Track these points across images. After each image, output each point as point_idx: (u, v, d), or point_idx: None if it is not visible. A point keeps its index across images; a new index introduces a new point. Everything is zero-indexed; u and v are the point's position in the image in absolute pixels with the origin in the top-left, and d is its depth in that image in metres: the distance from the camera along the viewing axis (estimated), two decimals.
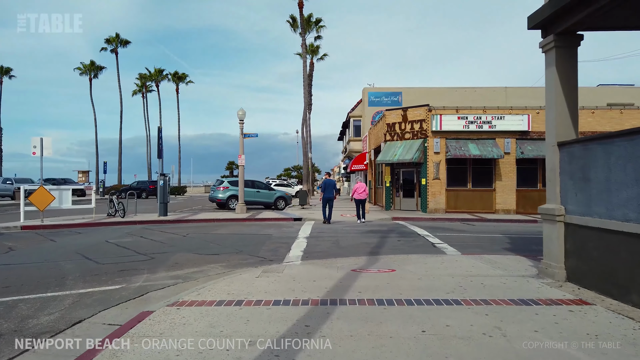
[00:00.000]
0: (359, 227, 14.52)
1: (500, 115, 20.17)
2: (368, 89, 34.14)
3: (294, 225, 15.37)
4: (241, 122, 19.87)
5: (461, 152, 19.65)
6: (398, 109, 21.91)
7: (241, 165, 19.87)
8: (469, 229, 14.28)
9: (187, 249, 9.65)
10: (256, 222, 16.82)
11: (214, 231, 12.93)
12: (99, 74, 51.51)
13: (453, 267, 7.36)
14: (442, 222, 17.06)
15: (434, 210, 20.27)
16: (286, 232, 12.80)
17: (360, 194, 16.23)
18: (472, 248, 10.20)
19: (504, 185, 20.34)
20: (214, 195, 23.43)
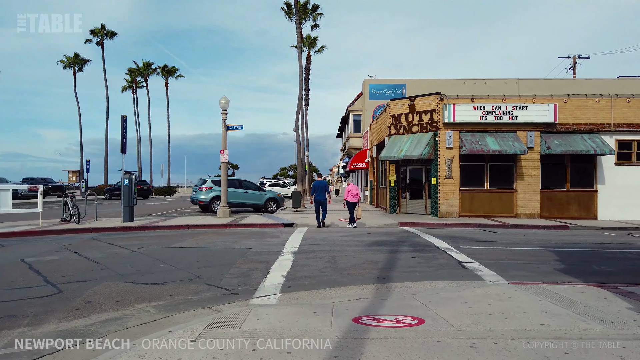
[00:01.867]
0: (360, 237, 11.85)
1: (522, 105, 17.51)
2: (369, 80, 31.46)
3: (282, 233, 12.69)
4: (224, 112, 17.20)
5: (478, 147, 16.99)
6: (404, 99, 19.24)
7: (224, 162, 17.19)
8: (495, 239, 11.62)
9: (124, 273, 6.96)
10: (238, 228, 14.14)
11: (176, 243, 10.23)
12: (84, 67, 48.77)
13: (512, 311, 4.69)
14: (458, 229, 14.39)
15: (446, 214, 17.61)
16: (270, 244, 10.13)
17: (353, 197, 14.63)
18: (516, 270, 7.55)
19: (527, 186, 17.69)
20: (195, 197, 20.74)
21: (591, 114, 17.65)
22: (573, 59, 41.05)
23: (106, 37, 47.81)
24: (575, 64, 40.89)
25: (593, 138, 17.32)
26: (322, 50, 45.22)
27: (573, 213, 17.62)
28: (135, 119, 52.90)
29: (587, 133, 17.60)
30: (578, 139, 17.36)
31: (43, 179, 41.72)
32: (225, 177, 17.28)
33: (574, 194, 17.70)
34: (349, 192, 14.81)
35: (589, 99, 17.67)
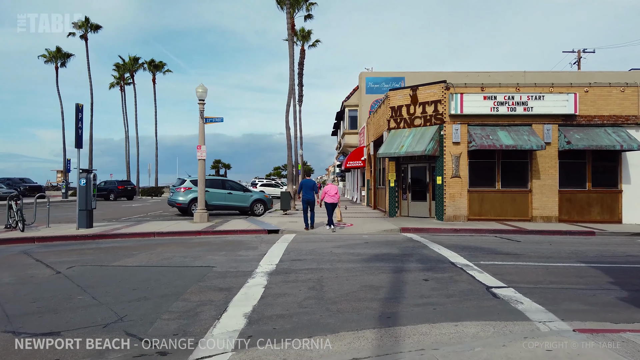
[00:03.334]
0: (355, 247, 9.81)
1: (538, 95, 15.53)
2: (366, 73, 29.43)
3: (263, 243, 10.63)
4: (201, 102, 15.12)
5: (489, 142, 14.99)
6: (405, 89, 17.22)
7: (201, 159, 15.10)
8: (519, 250, 9.62)
9: (16, 313, 4.88)
10: (212, 236, 12.07)
11: (122, 260, 8.13)
12: (67, 62, 46.45)
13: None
14: (470, 236, 12.39)
15: (453, 218, 15.62)
16: (242, 260, 8.07)
17: (332, 197, 13.43)
18: (567, 300, 5.55)
19: (543, 185, 15.71)
20: (173, 199, 18.64)
21: (615, 105, 15.70)
22: (578, 53, 39.17)
23: (90, 30, 45.45)
24: (580, 58, 38.99)
25: (618, 132, 15.37)
26: (316, 44, 43.08)
27: (595, 216, 15.66)
28: (124, 117, 50.54)
29: (611, 126, 15.65)
30: (601, 132, 15.40)
31: (21, 179, 39.46)
32: (203, 177, 15.20)
33: (596, 194, 15.74)
34: (326, 193, 13.52)
35: (613, 87, 15.72)
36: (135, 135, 51.16)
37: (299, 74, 44.35)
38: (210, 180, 18.85)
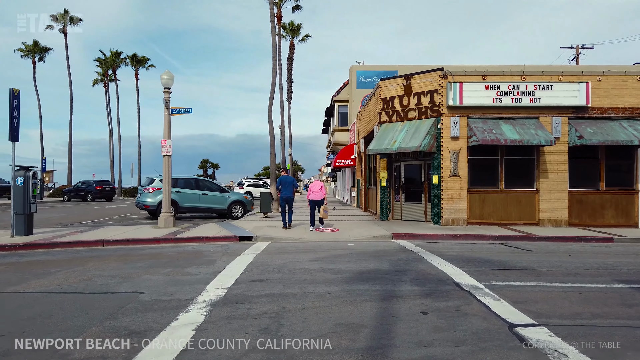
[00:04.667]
0: (336, 261, 8.05)
1: (546, 84, 13.88)
2: (356, 67, 27.72)
3: (225, 254, 8.84)
4: (167, 90, 13.29)
5: (492, 136, 13.31)
6: (398, 78, 15.49)
7: (166, 155, 13.26)
8: (535, 263, 7.91)
9: None
10: (170, 245, 10.25)
11: (27, 282, 6.26)
12: (45, 56, 44.24)
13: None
14: (472, 244, 10.69)
15: (451, 221, 13.93)
16: (183, 283, 6.27)
17: (315, 193, 12.78)
18: (633, 351, 3.81)
19: (552, 185, 14.07)
20: (141, 200, 16.76)
21: (631, 96, 14.10)
22: (576, 49, 37.73)
23: (70, 23, 43.31)
24: (578, 54, 37.53)
25: (634, 125, 13.77)
26: (306, 39, 41.38)
27: (609, 220, 14.04)
28: (108, 115, 48.28)
29: (627, 119, 14.05)
30: (616, 126, 13.79)
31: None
32: (168, 176, 13.36)
33: (609, 195, 14.12)
34: (311, 189, 12.95)
35: (629, 76, 14.11)
36: (118, 134, 49.02)
37: (288, 70, 42.53)
38: (182, 180, 17.01)
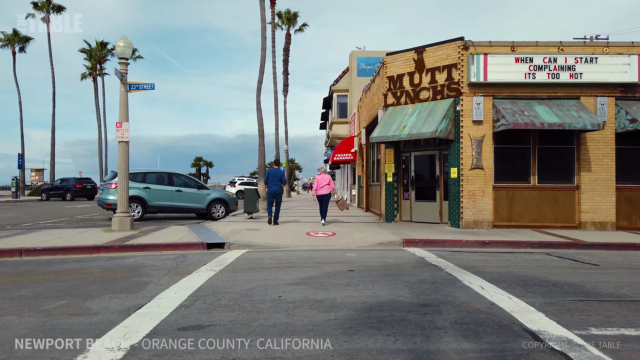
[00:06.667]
0: (329, 286, 5.53)
1: (590, 56, 11.37)
2: (357, 52, 25.20)
3: (172, 272, 6.31)
4: (123, 61, 10.77)
5: (526, 119, 10.79)
6: (408, 51, 12.94)
7: (122, 141, 10.72)
8: (627, 287, 5.38)
9: None
10: (108, 255, 7.71)
11: None
12: (26, 46, 41.68)
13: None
14: (509, 253, 8.15)
15: (473, 224, 11.41)
16: (63, 332, 3.77)
17: (322, 188, 12.34)
18: None
19: (595, 180, 11.56)
20: (102, 198, 14.22)
21: None
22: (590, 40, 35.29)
23: (52, 11, 40.74)
24: None
25: None
26: (303, 29, 38.93)
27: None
28: (97, 113, 45.69)
29: None
30: None
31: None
32: (125, 167, 10.81)
33: None
34: (318, 183, 12.45)
35: None
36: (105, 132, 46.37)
37: (284, 61, 40.00)
38: (152, 174, 14.47)
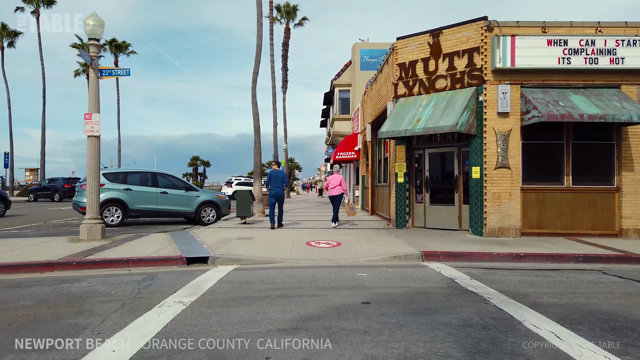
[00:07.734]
0: (338, 337, 4.05)
1: (633, 38, 9.86)
2: (360, 45, 23.68)
3: (127, 306, 4.81)
4: (94, 41, 9.27)
5: (562, 110, 9.27)
6: (422, 34, 11.41)
7: (92, 135, 9.21)
8: None
9: None
10: (62, 274, 6.20)
11: None
12: (15, 41, 40.15)
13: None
14: (556, 272, 6.63)
15: (498, 231, 9.91)
16: None
17: (332, 189, 12.13)
18: None
19: (639, 181, 10.06)
20: (78, 201, 12.73)
21: None
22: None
23: (42, 4, 39.24)
24: None
25: None
26: (303, 23, 37.45)
27: None
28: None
29: None
30: None
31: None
32: (96, 165, 9.29)
33: None
34: (329, 183, 12.36)
35: None
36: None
37: (283, 56, 38.48)
38: (134, 174, 12.96)
